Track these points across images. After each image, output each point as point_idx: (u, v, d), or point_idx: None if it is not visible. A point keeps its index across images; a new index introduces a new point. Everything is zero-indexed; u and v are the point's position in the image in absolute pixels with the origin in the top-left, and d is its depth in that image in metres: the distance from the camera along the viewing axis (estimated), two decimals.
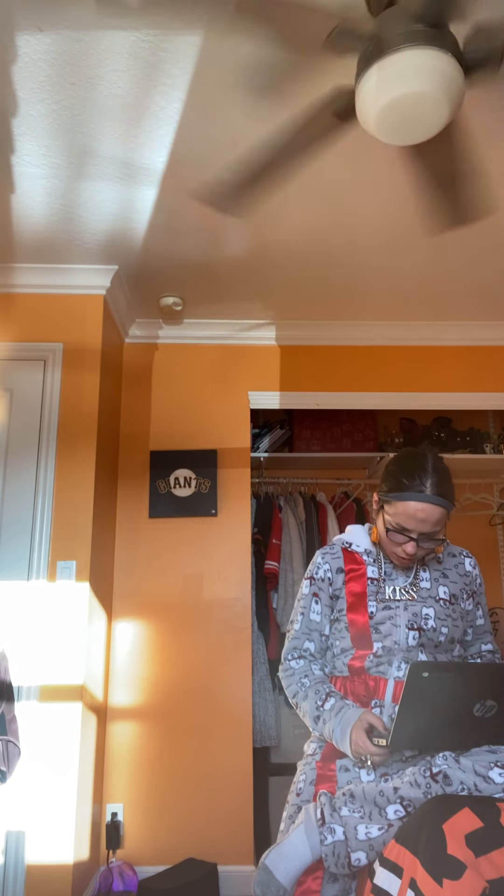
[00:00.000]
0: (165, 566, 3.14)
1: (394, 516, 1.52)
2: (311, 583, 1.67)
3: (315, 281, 3.00)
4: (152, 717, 2.96)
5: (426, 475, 1.48)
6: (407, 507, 1.48)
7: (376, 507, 1.62)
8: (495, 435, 3.79)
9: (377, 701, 1.51)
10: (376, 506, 1.62)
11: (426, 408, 3.49)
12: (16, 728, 1.99)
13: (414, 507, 1.48)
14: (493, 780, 1.24)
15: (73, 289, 2.92)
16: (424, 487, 1.47)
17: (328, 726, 1.49)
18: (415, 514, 1.48)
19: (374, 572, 1.62)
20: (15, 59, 1.79)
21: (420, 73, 1.41)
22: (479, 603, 1.69)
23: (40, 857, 2.37)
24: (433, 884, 1.08)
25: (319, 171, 2.22)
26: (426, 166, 1.95)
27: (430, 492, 1.47)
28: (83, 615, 2.59)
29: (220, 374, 3.40)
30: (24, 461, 2.71)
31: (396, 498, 1.50)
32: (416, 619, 1.54)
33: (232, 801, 2.89)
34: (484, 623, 1.70)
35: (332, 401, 3.42)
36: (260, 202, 2.37)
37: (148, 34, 1.71)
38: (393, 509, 1.52)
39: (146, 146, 2.13)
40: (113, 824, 2.81)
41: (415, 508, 1.48)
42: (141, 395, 3.36)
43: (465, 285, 3.05)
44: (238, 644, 3.05)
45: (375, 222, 2.54)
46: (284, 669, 1.66)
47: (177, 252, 2.77)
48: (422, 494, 1.47)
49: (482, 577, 1.72)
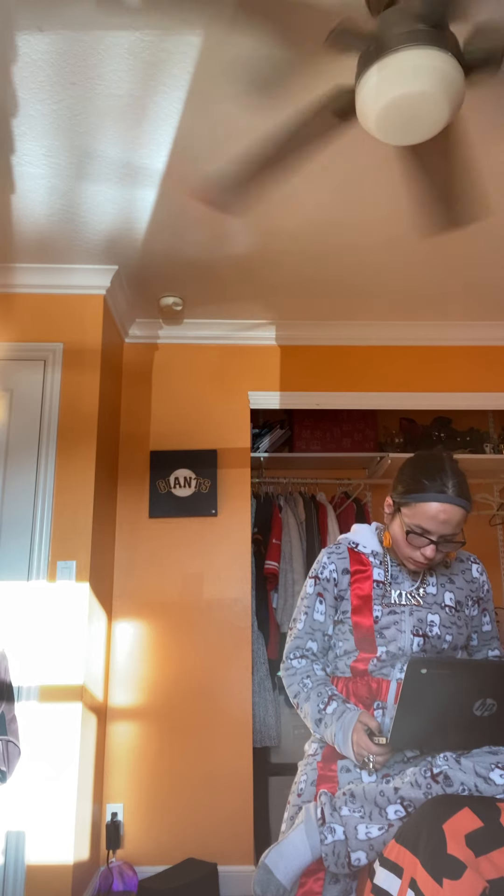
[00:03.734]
0: (165, 566, 3.14)
1: (413, 518, 1.49)
2: (315, 582, 1.65)
3: (315, 281, 3.00)
4: (152, 718, 2.96)
5: (446, 476, 1.47)
6: (428, 509, 1.46)
7: (389, 510, 1.59)
8: (495, 435, 3.80)
9: (379, 703, 1.51)
10: (389, 509, 1.59)
11: (426, 408, 3.49)
12: (16, 728, 1.99)
13: (436, 508, 1.45)
14: (494, 782, 1.24)
15: (73, 289, 2.92)
16: (446, 488, 1.45)
17: (330, 730, 1.48)
18: (436, 515, 1.46)
19: (380, 575, 1.60)
20: (15, 59, 1.79)
21: (420, 73, 1.41)
22: (486, 609, 1.68)
23: (40, 857, 2.37)
24: (433, 884, 1.08)
25: (321, 170, 2.22)
26: (423, 167, 1.95)
27: (451, 492, 1.45)
28: (83, 615, 2.58)
29: (220, 374, 3.40)
30: (24, 461, 2.71)
31: (417, 499, 1.48)
32: (421, 626, 1.53)
33: (232, 801, 2.89)
34: (491, 629, 1.69)
35: (332, 401, 3.42)
36: (259, 201, 2.37)
37: (148, 34, 1.71)
38: (412, 511, 1.49)
39: (146, 146, 2.13)
40: (113, 824, 2.81)
41: (437, 509, 1.45)
42: (141, 395, 3.36)
43: (465, 285, 3.04)
44: (238, 644, 3.05)
45: (376, 222, 2.54)
46: (286, 668, 1.65)
47: (177, 252, 2.77)
48: (443, 495, 1.45)
49: (490, 584, 1.70)
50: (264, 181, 2.03)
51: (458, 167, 2.00)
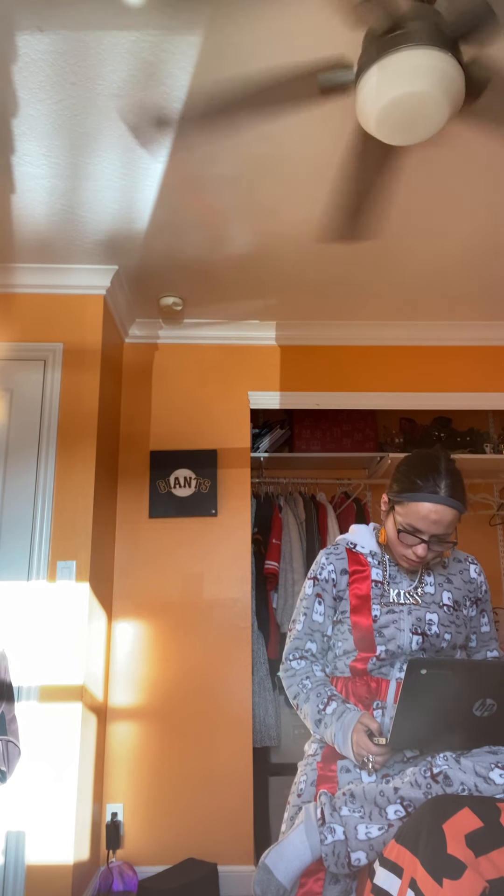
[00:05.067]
0: (165, 566, 3.14)
1: (405, 517, 1.50)
2: (314, 583, 1.66)
3: (315, 280, 3.00)
4: (152, 718, 2.96)
5: (440, 476, 1.47)
6: (420, 509, 1.47)
7: (385, 508, 1.61)
8: (495, 435, 3.79)
9: (379, 702, 1.51)
10: (385, 507, 1.61)
11: (426, 408, 3.49)
12: (16, 728, 1.99)
13: (427, 508, 1.46)
14: (494, 781, 1.24)
15: (73, 289, 2.92)
16: (438, 489, 1.46)
17: (330, 730, 1.49)
18: (427, 515, 1.47)
19: (378, 575, 1.61)
20: (15, 59, 1.79)
21: (420, 73, 1.41)
22: (484, 610, 1.68)
23: (40, 857, 2.37)
24: (433, 884, 1.08)
25: (321, 169, 2.22)
26: (356, 171, 1.92)
27: (443, 493, 1.46)
28: (83, 615, 2.58)
29: (220, 374, 3.40)
30: (24, 461, 2.71)
31: (409, 499, 1.49)
32: (419, 624, 1.54)
33: (232, 801, 2.89)
34: (489, 630, 1.69)
35: (332, 401, 3.42)
36: (259, 199, 2.36)
37: (148, 34, 1.71)
38: (405, 510, 1.50)
39: (146, 146, 2.13)
40: (113, 824, 2.81)
41: (428, 510, 1.46)
42: (141, 395, 3.36)
43: (465, 285, 3.04)
44: (238, 644, 3.05)
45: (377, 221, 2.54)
46: (286, 669, 1.66)
47: (177, 252, 2.76)
48: (435, 496, 1.46)
49: (488, 584, 1.71)
50: (225, 119, 1.92)
51: (384, 181, 1.98)
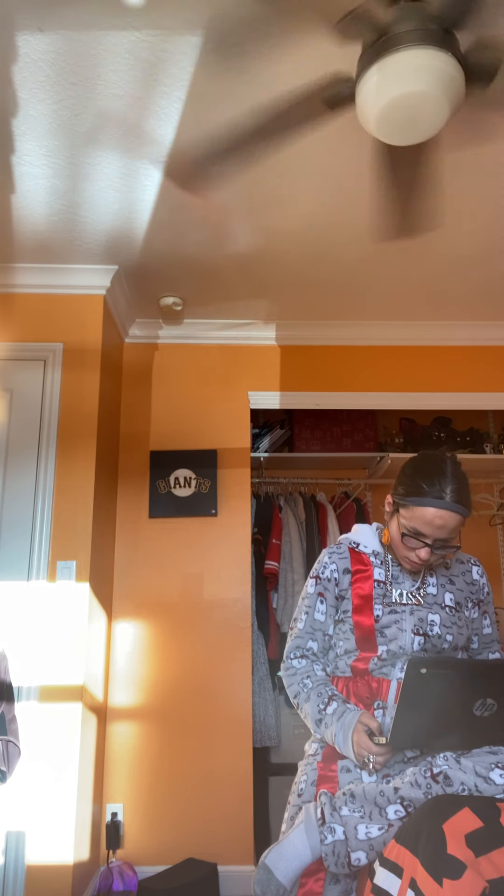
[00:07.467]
0: (165, 566, 3.14)
1: (410, 520, 1.49)
2: (316, 582, 1.66)
3: (315, 280, 3.00)
4: (152, 718, 2.96)
5: (446, 481, 1.45)
6: (425, 513, 1.46)
7: (389, 509, 1.60)
8: (495, 435, 3.80)
9: (380, 702, 1.51)
10: (389, 508, 1.60)
11: (426, 408, 3.49)
12: (16, 728, 1.99)
13: (432, 513, 1.45)
14: (494, 781, 1.24)
15: (73, 289, 2.92)
16: (444, 494, 1.44)
17: (330, 730, 1.49)
18: (432, 520, 1.45)
19: (380, 575, 1.60)
20: (15, 59, 1.79)
21: (420, 73, 1.41)
22: (487, 612, 1.67)
23: (40, 857, 2.37)
24: (433, 884, 1.08)
25: (321, 168, 2.22)
26: (392, 170, 1.92)
27: (449, 499, 1.44)
28: (83, 615, 2.58)
29: (220, 374, 3.40)
30: (24, 461, 2.71)
31: (414, 503, 1.47)
32: (421, 625, 1.54)
33: (232, 801, 2.89)
34: (491, 632, 1.68)
35: (332, 401, 3.42)
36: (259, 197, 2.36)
37: (148, 34, 1.71)
38: (409, 514, 1.49)
39: (146, 146, 2.13)
40: (113, 824, 2.81)
41: (433, 515, 1.45)
42: (141, 395, 3.36)
43: (464, 285, 3.04)
44: (238, 644, 3.05)
45: (377, 221, 2.54)
46: (286, 668, 1.65)
47: (177, 252, 2.76)
48: (441, 501, 1.44)
49: (490, 586, 1.70)
50: (237, 157, 1.96)
51: (423, 176, 1.98)
